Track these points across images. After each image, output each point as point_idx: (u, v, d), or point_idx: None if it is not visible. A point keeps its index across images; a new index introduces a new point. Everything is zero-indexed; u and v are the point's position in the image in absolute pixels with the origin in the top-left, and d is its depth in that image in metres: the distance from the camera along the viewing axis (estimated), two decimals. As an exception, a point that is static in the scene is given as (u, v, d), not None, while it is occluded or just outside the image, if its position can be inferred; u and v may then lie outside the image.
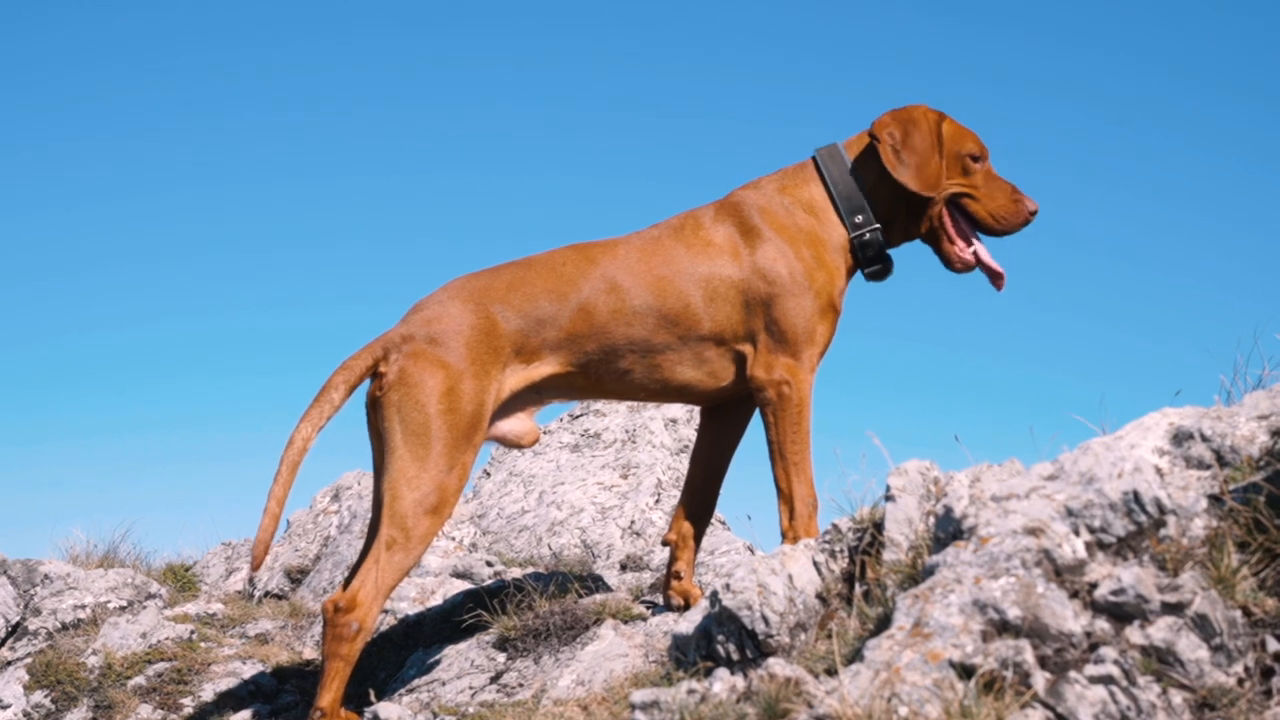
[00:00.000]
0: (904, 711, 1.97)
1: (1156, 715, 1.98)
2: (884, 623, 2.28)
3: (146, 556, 6.49)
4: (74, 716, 4.49)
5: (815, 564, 2.67)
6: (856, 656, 2.17)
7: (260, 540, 3.56)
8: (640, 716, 2.24)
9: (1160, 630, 2.06)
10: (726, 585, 2.60)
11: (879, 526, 2.65)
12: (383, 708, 3.73)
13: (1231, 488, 2.30)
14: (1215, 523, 2.25)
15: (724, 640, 2.56)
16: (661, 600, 4.26)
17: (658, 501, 6.25)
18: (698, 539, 4.15)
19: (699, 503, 4.13)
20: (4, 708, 4.55)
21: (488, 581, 5.13)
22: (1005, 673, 2.01)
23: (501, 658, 4.12)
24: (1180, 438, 2.47)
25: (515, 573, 5.19)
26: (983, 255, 3.97)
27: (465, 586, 5.06)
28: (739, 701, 2.21)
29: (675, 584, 4.11)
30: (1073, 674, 2.01)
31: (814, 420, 3.85)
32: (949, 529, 2.36)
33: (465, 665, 4.16)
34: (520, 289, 3.79)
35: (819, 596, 2.62)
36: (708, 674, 2.48)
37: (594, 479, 6.57)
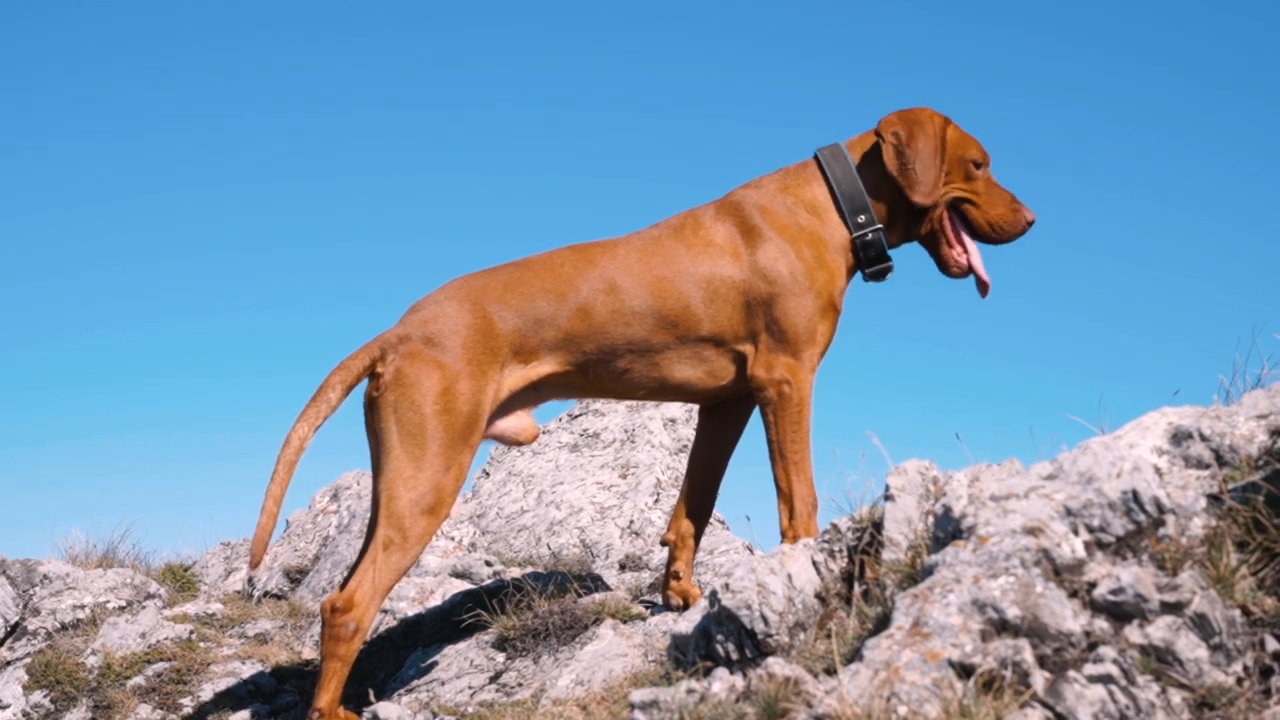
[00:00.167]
0: (903, 711, 1.97)
1: (1155, 714, 1.98)
2: (883, 622, 2.28)
3: (145, 556, 6.50)
4: (73, 716, 4.48)
5: (814, 563, 2.67)
6: (856, 656, 2.17)
7: (258, 539, 3.57)
8: (639, 716, 2.24)
9: (1159, 630, 2.06)
10: (726, 585, 2.60)
11: (878, 526, 2.65)
12: (382, 707, 3.73)
13: (1230, 487, 2.30)
14: (1214, 522, 2.25)
15: (723, 640, 2.56)
16: (660, 600, 4.26)
17: (657, 501, 6.25)
18: (697, 538, 4.15)
19: (698, 502, 4.13)
20: (3, 708, 4.55)
21: (487, 581, 5.13)
22: (1004, 672, 2.01)
23: (501, 657, 4.12)
24: (1179, 437, 2.47)
25: (514, 572, 5.19)
26: (975, 262, 3.99)
27: (464, 586, 5.06)
28: (738, 701, 2.21)
29: (674, 584, 4.11)
30: (1072, 673, 2.01)
31: (814, 420, 3.85)
32: (948, 528, 2.36)
33: (464, 665, 4.15)
34: (518, 289, 3.78)
35: (818, 596, 2.62)
36: (707, 674, 2.48)
37: (593, 479, 6.57)
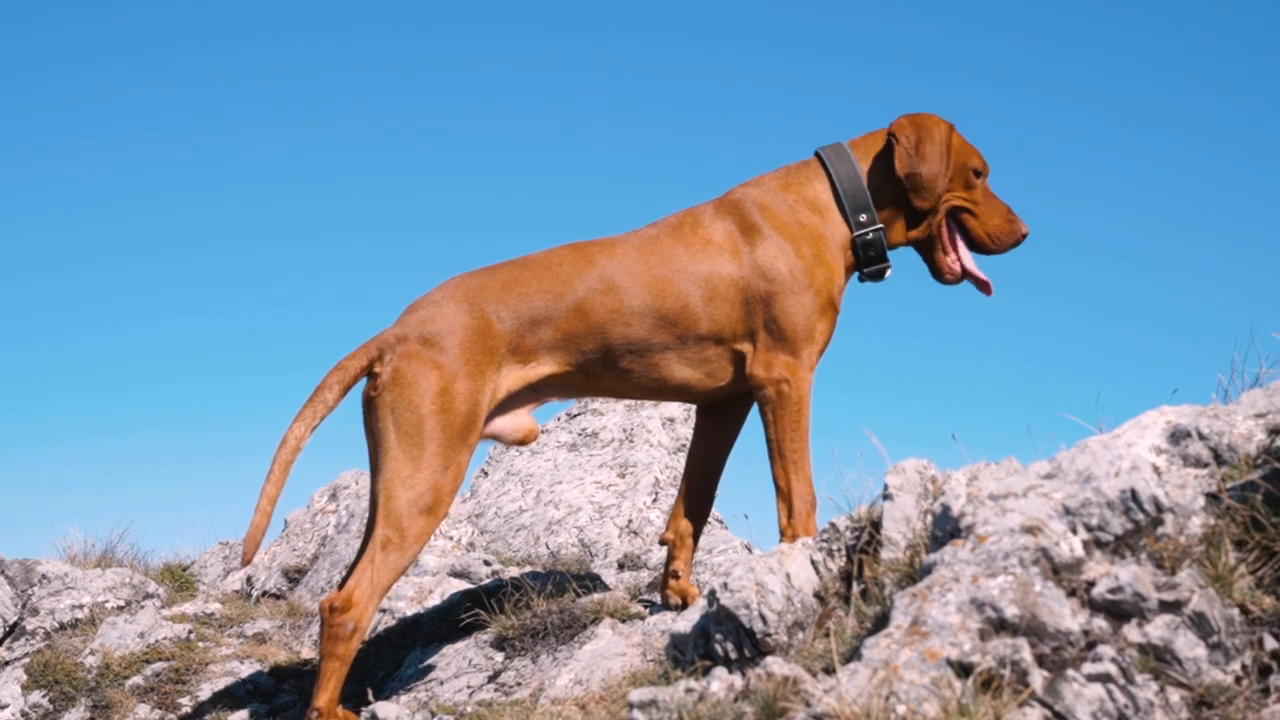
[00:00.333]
0: (902, 710, 1.97)
1: (1154, 713, 1.98)
2: (882, 621, 2.28)
3: (144, 556, 6.50)
4: (72, 716, 4.48)
5: (813, 563, 2.66)
6: (854, 655, 2.17)
7: (251, 537, 3.58)
8: (638, 715, 2.24)
9: (1158, 628, 2.06)
10: (724, 584, 2.60)
11: (877, 525, 2.65)
12: (380, 707, 3.73)
13: (1229, 486, 2.29)
14: (1213, 521, 2.24)
15: (722, 639, 2.56)
16: (659, 599, 4.26)
17: (655, 500, 6.25)
18: (695, 538, 4.15)
19: (696, 501, 4.13)
20: (2, 708, 4.54)
21: (485, 580, 5.13)
22: (1003, 671, 2.01)
23: (499, 657, 4.11)
24: (1177, 436, 2.47)
25: (513, 572, 5.19)
26: (970, 265, 4.01)
27: (463, 586, 5.06)
28: (737, 700, 2.21)
29: (673, 583, 4.11)
30: (1070, 672, 2.01)
31: (812, 419, 3.85)
32: (946, 527, 2.36)
33: (463, 664, 4.15)
34: (515, 289, 3.78)
35: (817, 595, 2.62)
36: (705, 673, 2.48)
37: (591, 478, 6.57)
